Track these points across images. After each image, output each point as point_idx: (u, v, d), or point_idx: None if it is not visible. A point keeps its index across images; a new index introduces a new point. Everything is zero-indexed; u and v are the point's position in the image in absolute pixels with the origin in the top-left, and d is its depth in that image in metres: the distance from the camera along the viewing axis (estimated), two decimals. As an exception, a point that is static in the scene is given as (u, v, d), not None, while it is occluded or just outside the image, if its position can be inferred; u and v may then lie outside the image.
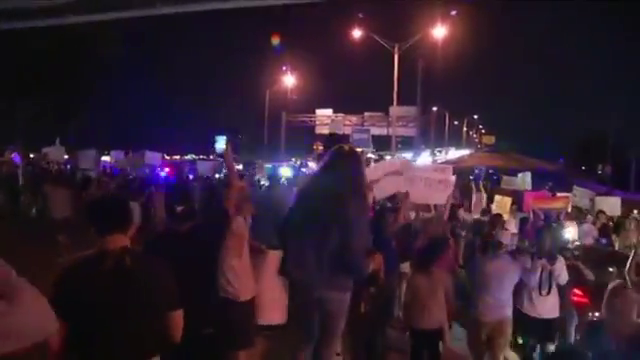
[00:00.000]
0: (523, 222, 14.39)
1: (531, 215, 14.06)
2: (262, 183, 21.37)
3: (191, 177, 24.32)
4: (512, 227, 14.50)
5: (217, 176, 24.49)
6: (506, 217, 14.89)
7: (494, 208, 16.02)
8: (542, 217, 14.28)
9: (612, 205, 17.15)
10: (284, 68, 63.31)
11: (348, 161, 5.21)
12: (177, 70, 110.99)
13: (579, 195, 18.41)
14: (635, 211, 17.25)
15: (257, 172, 25.01)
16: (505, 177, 22.74)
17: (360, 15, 46.26)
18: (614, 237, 14.52)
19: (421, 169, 12.15)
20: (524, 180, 21.21)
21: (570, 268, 8.17)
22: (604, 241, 13.81)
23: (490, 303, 7.15)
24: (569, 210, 16.10)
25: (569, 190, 19.07)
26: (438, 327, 6.92)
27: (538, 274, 7.56)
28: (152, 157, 23.41)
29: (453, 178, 11.29)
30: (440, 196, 10.45)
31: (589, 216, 15.71)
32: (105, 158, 30.87)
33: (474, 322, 7.31)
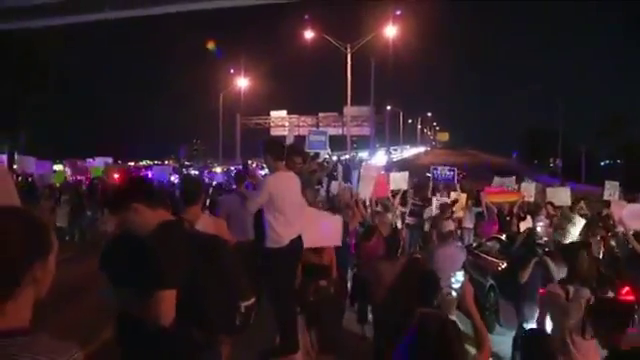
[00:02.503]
0: (478, 218, 14.62)
1: (484, 210, 14.28)
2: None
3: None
4: (467, 222, 14.70)
5: (172, 179, 24.32)
6: (462, 213, 15.11)
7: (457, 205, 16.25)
8: (495, 211, 14.52)
9: (562, 196, 17.41)
10: (232, 71, 63.06)
11: None
12: (131, 75, 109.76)
13: (526, 189, 18.55)
14: (582, 202, 17.49)
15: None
16: (497, 178, 21.73)
17: (306, 16, 46.22)
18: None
19: (367, 168, 13.69)
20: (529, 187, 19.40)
21: (539, 265, 7.89)
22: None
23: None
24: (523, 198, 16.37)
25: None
26: None
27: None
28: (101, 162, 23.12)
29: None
30: (369, 191, 12.08)
31: (544, 210, 15.95)
32: (58, 167, 30.33)
33: None
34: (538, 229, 12.28)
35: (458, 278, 8.93)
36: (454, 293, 8.25)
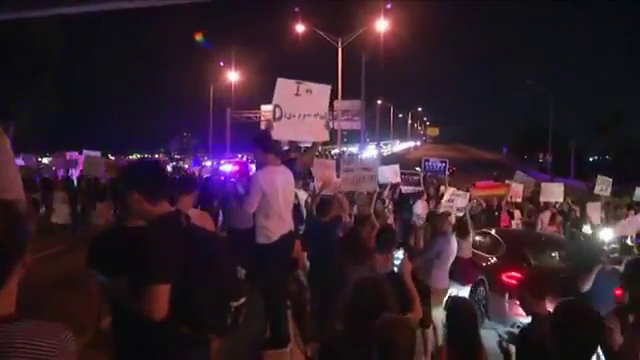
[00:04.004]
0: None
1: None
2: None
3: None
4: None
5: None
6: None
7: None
8: (483, 205, 14.60)
9: (556, 192, 17.48)
10: (221, 64, 62.84)
11: None
12: (119, 68, 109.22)
13: (520, 180, 18.67)
14: (569, 198, 17.63)
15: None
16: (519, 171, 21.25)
17: (296, 9, 46.12)
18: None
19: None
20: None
21: (611, 274, 7.31)
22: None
23: (446, 274, 8.64)
24: (510, 198, 16.42)
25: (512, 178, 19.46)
26: None
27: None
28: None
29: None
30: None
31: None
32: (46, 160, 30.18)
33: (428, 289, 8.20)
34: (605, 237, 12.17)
35: (399, 256, 9.24)
36: (395, 269, 8.51)
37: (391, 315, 3.70)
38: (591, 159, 79.51)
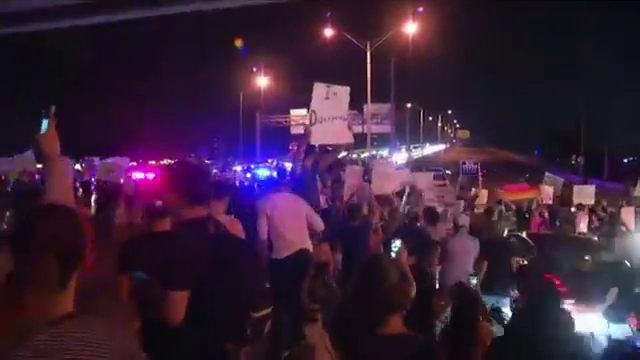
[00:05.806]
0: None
1: (502, 207, 14.19)
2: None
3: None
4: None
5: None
6: (482, 209, 15.11)
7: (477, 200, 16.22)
8: (513, 208, 14.44)
9: (587, 194, 17.36)
10: (254, 70, 63.19)
11: None
12: (150, 75, 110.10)
13: (550, 182, 18.60)
14: (605, 202, 17.38)
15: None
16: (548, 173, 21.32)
17: (328, 14, 46.17)
18: None
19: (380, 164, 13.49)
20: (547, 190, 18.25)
21: None
22: None
23: (456, 272, 8.50)
24: (540, 201, 16.25)
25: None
26: None
27: None
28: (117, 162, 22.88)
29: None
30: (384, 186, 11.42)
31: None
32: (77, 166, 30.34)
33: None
34: None
35: (397, 244, 9.26)
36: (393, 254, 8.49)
37: None
38: (626, 160, 78.18)
